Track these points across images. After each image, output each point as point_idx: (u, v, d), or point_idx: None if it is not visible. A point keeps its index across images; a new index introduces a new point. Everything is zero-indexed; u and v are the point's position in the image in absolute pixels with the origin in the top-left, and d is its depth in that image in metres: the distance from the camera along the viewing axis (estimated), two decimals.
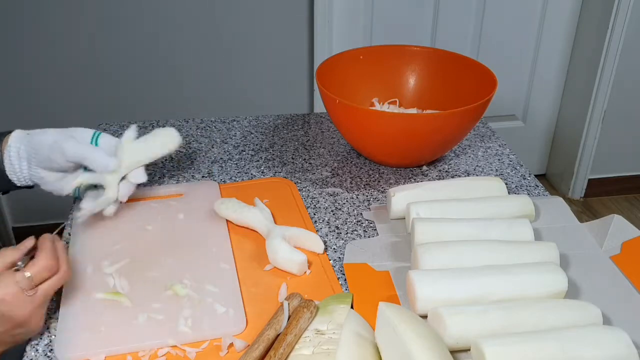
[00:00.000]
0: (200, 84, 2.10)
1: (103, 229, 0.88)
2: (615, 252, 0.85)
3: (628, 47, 2.15)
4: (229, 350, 0.69)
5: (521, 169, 1.09)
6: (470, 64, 1.12)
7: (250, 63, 2.09)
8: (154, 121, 1.23)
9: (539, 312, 0.69)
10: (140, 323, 0.72)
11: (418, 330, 0.63)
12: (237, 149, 1.14)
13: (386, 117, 1.01)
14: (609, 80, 2.20)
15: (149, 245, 0.85)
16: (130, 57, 2.00)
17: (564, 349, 0.63)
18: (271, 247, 0.82)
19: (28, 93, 2.00)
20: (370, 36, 2.14)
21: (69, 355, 0.67)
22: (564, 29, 2.26)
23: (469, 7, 2.16)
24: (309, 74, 2.15)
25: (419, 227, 0.83)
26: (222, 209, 0.90)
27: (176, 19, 1.97)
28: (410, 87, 1.19)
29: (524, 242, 0.81)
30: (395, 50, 1.18)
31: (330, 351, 0.67)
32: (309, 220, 0.93)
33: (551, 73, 2.35)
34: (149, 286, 0.77)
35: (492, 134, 1.22)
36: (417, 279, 0.72)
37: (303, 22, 2.05)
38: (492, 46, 2.23)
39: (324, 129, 1.23)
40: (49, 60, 1.95)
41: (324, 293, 0.78)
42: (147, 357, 0.68)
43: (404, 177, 1.06)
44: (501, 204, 0.90)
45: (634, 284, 0.79)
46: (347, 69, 1.15)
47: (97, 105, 2.04)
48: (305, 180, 1.05)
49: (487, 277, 0.73)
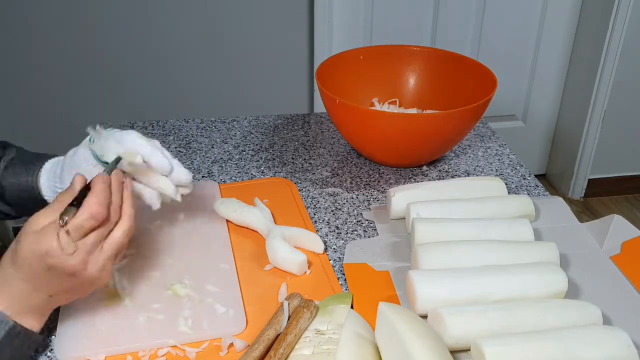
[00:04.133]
0: (200, 84, 2.10)
1: None
2: (615, 252, 0.85)
3: (628, 47, 2.15)
4: (229, 350, 0.69)
5: (521, 169, 1.09)
6: (470, 64, 1.12)
7: (250, 63, 2.09)
8: (154, 121, 1.23)
9: (539, 312, 0.69)
10: (140, 323, 0.72)
11: (418, 330, 0.63)
12: (237, 149, 1.14)
13: (386, 117, 1.01)
14: (609, 80, 2.20)
15: (149, 245, 0.85)
16: (130, 57, 2.00)
17: (564, 349, 0.63)
18: (271, 247, 0.82)
19: (28, 93, 2.00)
20: (370, 36, 2.14)
21: (69, 355, 0.67)
22: (564, 29, 2.26)
23: (469, 7, 2.16)
24: (309, 74, 2.15)
25: (419, 227, 0.83)
26: (222, 209, 0.90)
27: (176, 19, 1.97)
28: (410, 87, 1.19)
29: (524, 242, 0.81)
30: (395, 50, 1.18)
31: (330, 351, 0.67)
32: (309, 220, 0.93)
33: (551, 73, 2.35)
34: (149, 286, 0.77)
35: (492, 134, 1.22)
36: (417, 279, 0.73)
37: (303, 22, 2.05)
38: (492, 46, 2.23)
39: (324, 129, 1.23)
40: (49, 61, 1.95)
41: (324, 293, 0.78)
42: (147, 357, 0.68)
43: (404, 177, 1.06)
44: (501, 204, 0.90)
45: (634, 284, 0.79)
46: (347, 69, 1.15)
47: (97, 106, 2.04)
48: (305, 180, 1.05)
49: (487, 277, 0.73)
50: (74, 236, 0.63)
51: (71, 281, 0.65)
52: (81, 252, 0.64)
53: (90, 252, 0.64)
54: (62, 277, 0.64)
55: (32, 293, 0.64)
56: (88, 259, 0.64)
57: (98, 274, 0.66)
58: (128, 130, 0.76)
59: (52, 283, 0.64)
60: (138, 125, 1.21)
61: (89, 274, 0.65)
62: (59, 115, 2.03)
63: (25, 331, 0.65)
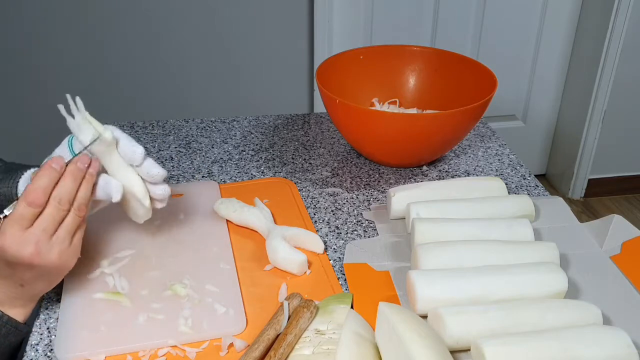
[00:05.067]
0: (200, 84, 2.10)
1: (103, 228, 0.88)
2: (615, 252, 0.85)
3: (628, 47, 2.15)
4: (229, 350, 0.69)
5: (521, 169, 1.09)
6: (470, 64, 1.12)
7: (250, 63, 2.09)
8: (154, 121, 1.23)
9: (539, 312, 0.69)
10: (140, 323, 0.72)
11: (418, 330, 0.63)
12: (237, 149, 1.14)
13: (386, 117, 1.01)
14: (609, 80, 2.20)
15: (149, 245, 0.85)
16: (130, 57, 2.00)
17: (564, 349, 0.63)
18: (271, 247, 0.82)
19: (28, 93, 2.00)
20: (370, 36, 2.14)
21: (69, 355, 0.67)
22: (564, 29, 2.26)
23: (469, 7, 2.16)
24: (309, 74, 2.16)
25: (419, 227, 0.83)
26: (222, 209, 0.90)
27: (176, 19, 1.97)
28: (410, 87, 1.19)
29: (524, 242, 0.81)
30: (395, 50, 1.18)
31: (330, 351, 0.67)
32: (309, 220, 0.93)
33: (551, 73, 2.35)
34: (149, 286, 0.77)
35: (492, 134, 1.22)
36: (417, 279, 0.72)
37: (303, 22, 2.05)
38: (492, 46, 2.23)
39: (324, 129, 1.23)
40: (48, 61, 1.95)
41: (324, 293, 0.78)
42: (147, 357, 0.68)
43: (404, 177, 1.06)
44: (501, 204, 0.90)
45: (634, 284, 0.79)
46: (347, 69, 1.15)
47: (97, 105, 2.03)
48: (305, 180, 1.05)
49: (487, 277, 0.73)
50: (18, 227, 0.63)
51: (33, 270, 0.65)
52: (30, 242, 0.63)
53: (40, 241, 0.64)
54: (22, 268, 0.65)
55: (3, 284, 0.66)
56: (40, 247, 0.64)
57: (58, 260, 0.66)
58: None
59: (17, 275, 0.65)
60: (138, 125, 1.21)
61: (48, 261, 0.65)
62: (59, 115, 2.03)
63: (9, 319, 0.67)
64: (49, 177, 0.65)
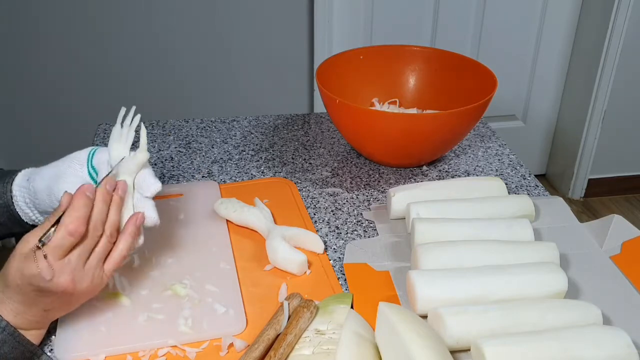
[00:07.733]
0: (200, 84, 2.10)
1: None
2: (615, 252, 0.85)
3: (628, 47, 2.15)
4: (229, 350, 0.69)
5: (521, 169, 1.09)
6: (470, 64, 1.12)
7: (250, 63, 2.09)
8: (154, 121, 1.23)
9: (538, 312, 0.69)
10: (140, 323, 0.72)
11: (418, 330, 0.63)
12: (237, 149, 1.14)
13: (386, 117, 1.01)
14: (609, 81, 2.20)
15: (149, 245, 0.85)
16: (130, 57, 2.00)
17: (564, 349, 0.63)
18: (271, 247, 0.82)
19: (29, 93, 2.00)
20: (370, 36, 2.14)
21: (69, 355, 0.67)
22: (564, 29, 2.26)
23: (469, 7, 2.16)
24: (309, 74, 2.16)
25: (419, 227, 0.83)
26: (222, 209, 0.90)
27: (176, 19, 1.97)
28: (410, 87, 1.19)
29: (524, 242, 0.81)
30: (395, 50, 1.18)
31: (330, 351, 0.67)
32: (309, 220, 0.93)
33: (551, 73, 2.35)
34: (149, 286, 0.77)
35: (492, 134, 1.22)
36: (417, 279, 0.73)
37: (303, 22, 2.05)
38: (492, 46, 2.23)
39: (324, 129, 1.23)
40: (49, 61, 1.96)
41: (324, 293, 0.78)
42: (147, 357, 0.68)
43: (404, 177, 1.06)
44: (501, 204, 0.90)
45: (634, 284, 0.79)
46: (347, 69, 1.15)
47: (97, 105, 2.04)
48: (305, 180, 1.05)
49: (487, 277, 0.73)
50: (55, 256, 0.62)
51: (64, 297, 0.65)
52: (66, 271, 0.63)
53: (75, 269, 0.64)
54: (54, 296, 0.64)
55: (27, 310, 0.65)
56: (75, 276, 0.64)
57: (90, 287, 0.66)
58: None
59: (45, 301, 0.65)
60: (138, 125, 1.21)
61: (81, 288, 0.65)
62: (59, 115, 2.03)
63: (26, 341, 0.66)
64: (87, 206, 0.65)
